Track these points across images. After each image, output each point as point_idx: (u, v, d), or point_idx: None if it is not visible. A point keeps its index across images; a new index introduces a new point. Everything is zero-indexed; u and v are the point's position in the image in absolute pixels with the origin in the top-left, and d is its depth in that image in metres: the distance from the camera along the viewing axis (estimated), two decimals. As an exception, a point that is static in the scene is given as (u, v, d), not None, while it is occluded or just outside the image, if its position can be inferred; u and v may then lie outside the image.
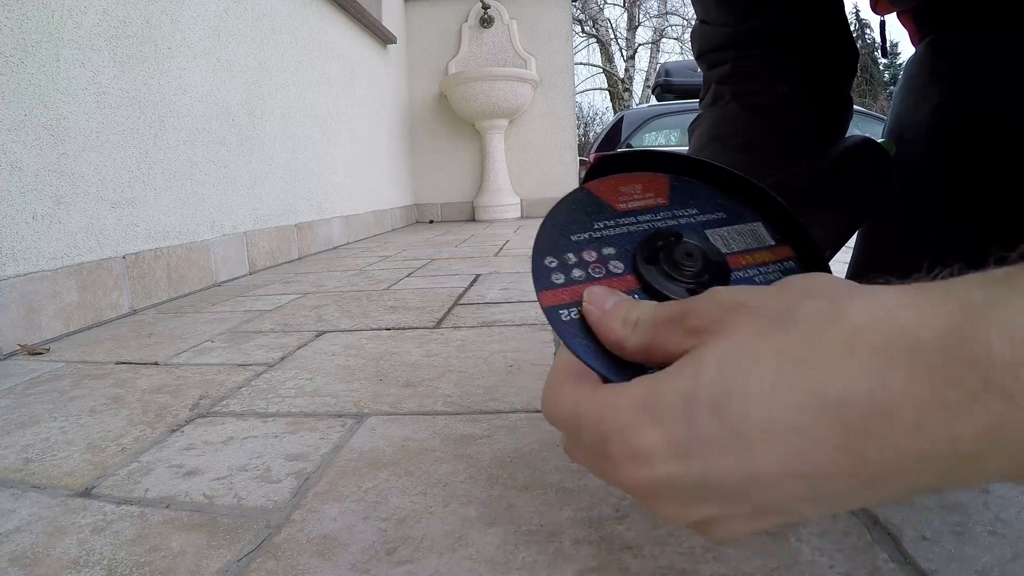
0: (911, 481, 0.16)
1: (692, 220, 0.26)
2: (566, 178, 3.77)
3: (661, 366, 0.20)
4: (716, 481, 0.18)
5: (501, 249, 1.95)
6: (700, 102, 0.57)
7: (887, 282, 0.17)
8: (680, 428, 0.18)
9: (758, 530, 0.20)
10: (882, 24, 0.64)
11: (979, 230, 0.49)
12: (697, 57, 0.56)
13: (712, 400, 0.17)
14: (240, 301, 1.22)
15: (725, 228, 0.26)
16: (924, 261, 0.20)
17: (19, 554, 0.36)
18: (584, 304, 0.22)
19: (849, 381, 0.15)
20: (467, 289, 1.23)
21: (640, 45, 13.07)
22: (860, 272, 0.54)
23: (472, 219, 3.71)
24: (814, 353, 0.16)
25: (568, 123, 3.80)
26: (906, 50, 0.62)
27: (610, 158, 0.28)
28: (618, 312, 0.21)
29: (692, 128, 0.55)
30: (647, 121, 4.84)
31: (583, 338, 0.22)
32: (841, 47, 0.52)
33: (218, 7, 1.56)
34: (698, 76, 0.58)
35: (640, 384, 0.19)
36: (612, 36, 13.55)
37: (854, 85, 0.56)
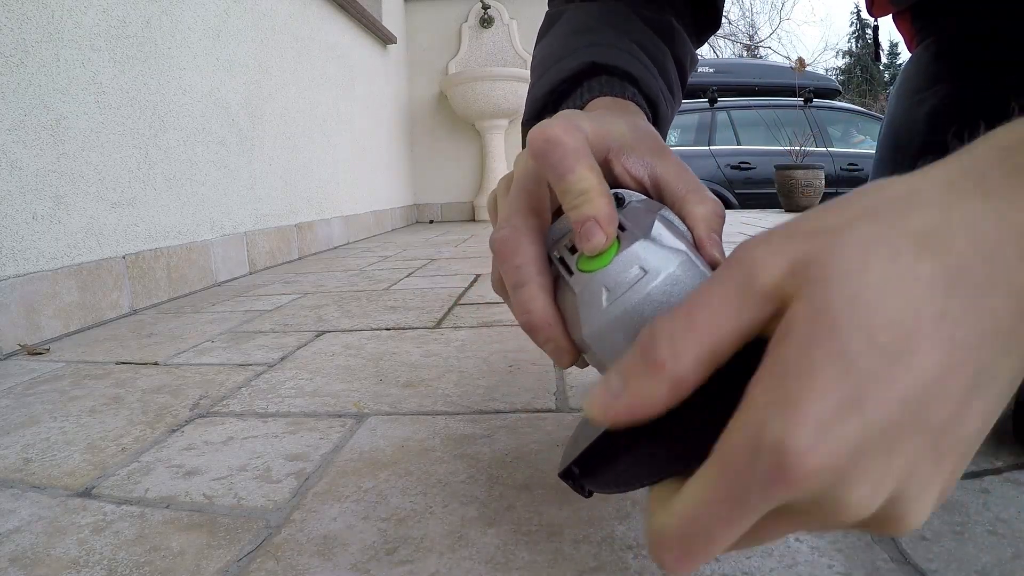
0: None
1: None
2: (566, 178, 3.76)
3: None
4: (891, 414, 0.15)
5: (501, 249, 1.95)
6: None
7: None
8: (837, 378, 0.15)
9: (944, 490, 0.18)
10: (875, 29, 0.64)
11: None
12: None
13: (851, 326, 0.15)
14: (240, 301, 1.22)
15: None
16: None
17: (19, 554, 0.37)
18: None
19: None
20: (467, 289, 1.23)
21: (640, 45, 13.04)
22: None
23: (472, 219, 3.70)
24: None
25: (568, 123, 3.79)
26: (906, 51, 0.62)
27: None
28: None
29: (553, 20, 0.50)
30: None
31: None
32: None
33: (218, 7, 1.56)
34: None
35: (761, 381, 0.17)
36: (612, 36, 13.53)
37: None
